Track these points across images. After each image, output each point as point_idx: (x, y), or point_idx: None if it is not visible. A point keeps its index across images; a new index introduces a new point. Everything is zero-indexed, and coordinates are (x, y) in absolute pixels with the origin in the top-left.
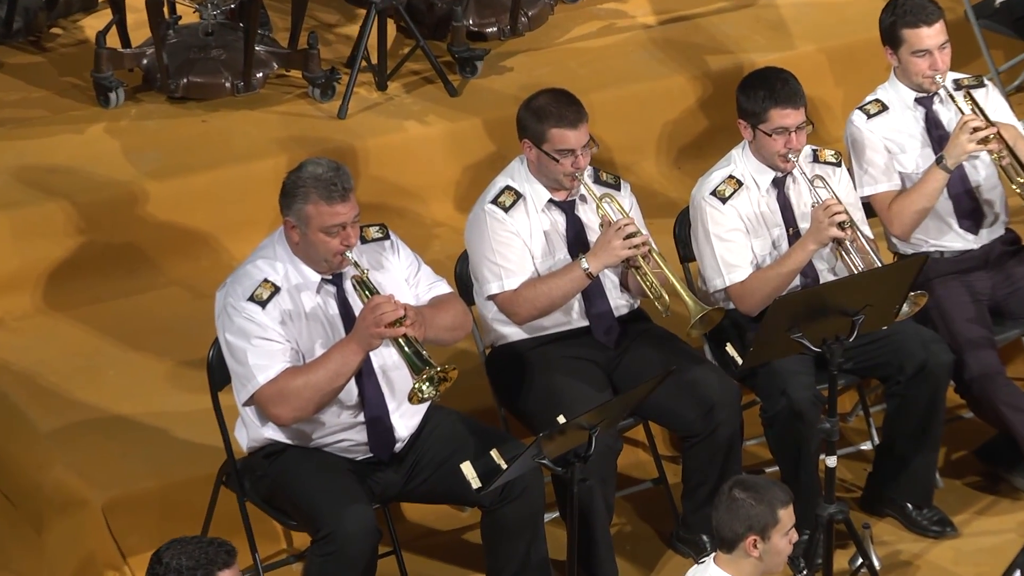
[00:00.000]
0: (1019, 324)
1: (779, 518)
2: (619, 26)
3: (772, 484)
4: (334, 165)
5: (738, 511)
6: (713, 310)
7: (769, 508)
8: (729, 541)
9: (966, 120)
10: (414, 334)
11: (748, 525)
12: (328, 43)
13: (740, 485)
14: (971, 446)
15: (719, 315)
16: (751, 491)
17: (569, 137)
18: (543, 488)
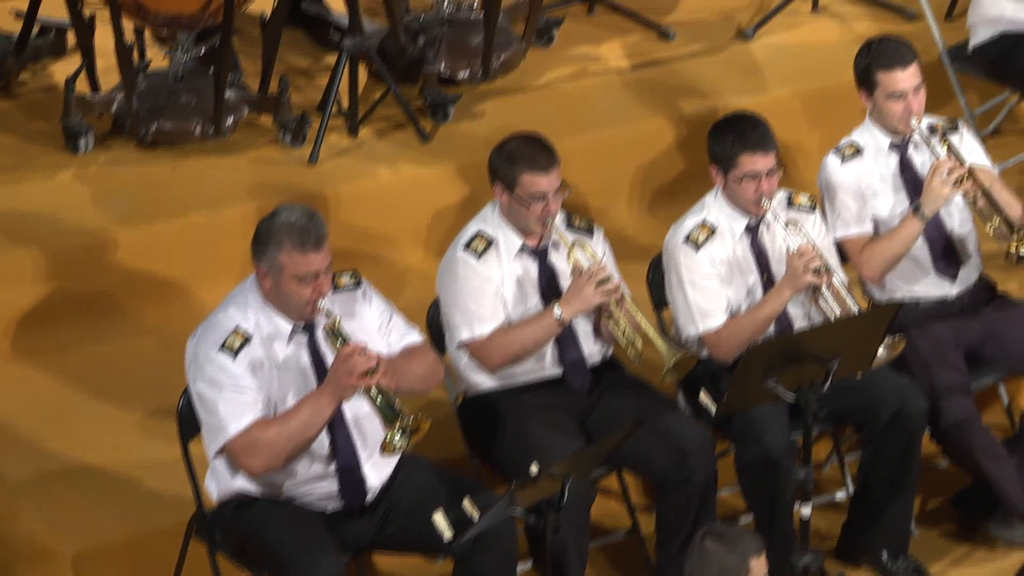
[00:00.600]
0: (995, 371)
1: (750, 568)
2: (592, 70)
3: (743, 534)
4: (308, 213)
5: (709, 561)
6: (686, 355)
7: (741, 558)
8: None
9: (938, 164)
10: (386, 384)
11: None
12: (299, 88)
13: (711, 535)
14: (947, 494)
15: (692, 361)
16: (722, 541)
17: (541, 182)
18: (516, 538)
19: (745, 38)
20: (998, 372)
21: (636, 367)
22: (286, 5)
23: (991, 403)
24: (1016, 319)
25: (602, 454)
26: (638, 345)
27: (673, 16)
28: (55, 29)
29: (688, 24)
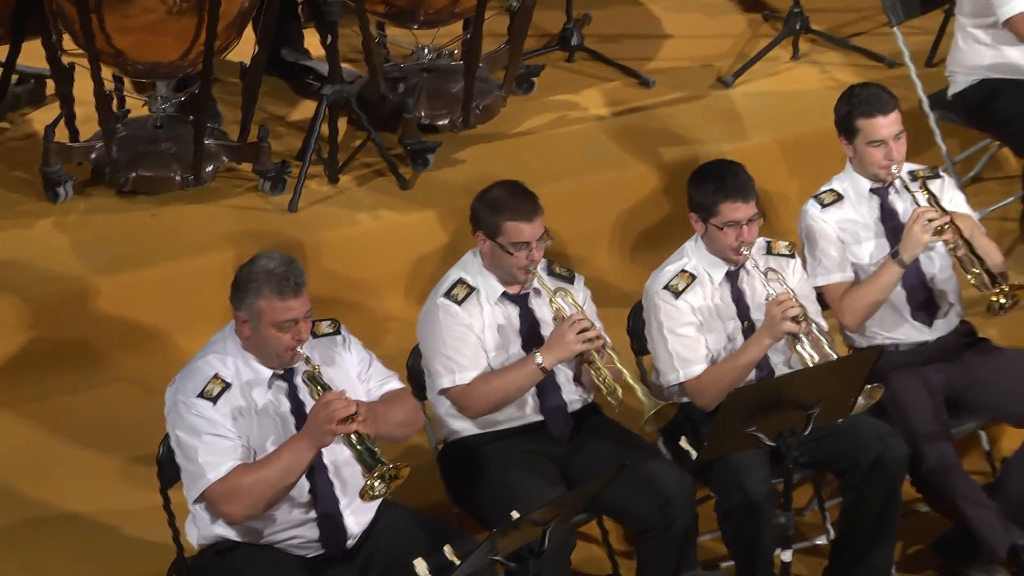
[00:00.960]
0: (976, 417)
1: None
2: (572, 117)
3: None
4: (287, 259)
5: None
6: (667, 405)
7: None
8: None
9: (920, 212)
10: (366, 431)
11: None
12: (279, 136)
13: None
14: (928, 540)
15: (673, 410)
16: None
17: (524, 230)
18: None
19: (725, 85)
20: (979, 418)
21: (617, 413)
22: (266, 53)
23: (972, 448)
24: (996, 365)
25: (583, 500)
26: (619, 393)
27: (653, 64)
28: (34, 77)
29: (668, 72)
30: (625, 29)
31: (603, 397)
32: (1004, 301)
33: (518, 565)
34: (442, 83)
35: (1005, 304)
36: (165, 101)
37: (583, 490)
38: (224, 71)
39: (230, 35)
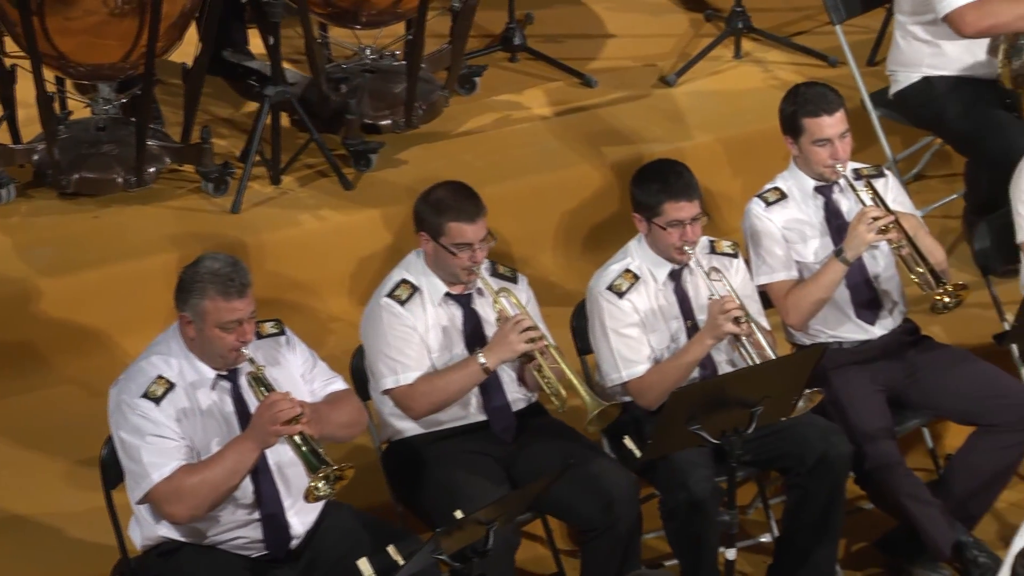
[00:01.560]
0: (919, 414)
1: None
2: (515, 117)
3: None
4: (231, 260)
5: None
6: (610, 406)
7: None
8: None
9: (865, 211)
10: (310, 432)
11: None
12: (221, 137)
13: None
14: (872, 537)
15: (616, 410)
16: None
17: (467, 231)
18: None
19: (668, 85)
20: (922, 415)
21: (561, 412)
22: (208, 54)
23: (915, 446)
24: (940, 363)
25: (527, 500)
26: (562, 394)
27: (596, 63)
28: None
29: (611, 71)
30: (568, 29)
31: (547, 396)
32: (948, 301)
33: (462, 565)
34: (385, 84)
35: (949, 304)
36: (107, 103)
37: (527, 489)
38: (166, 72)
39: (172, 36)
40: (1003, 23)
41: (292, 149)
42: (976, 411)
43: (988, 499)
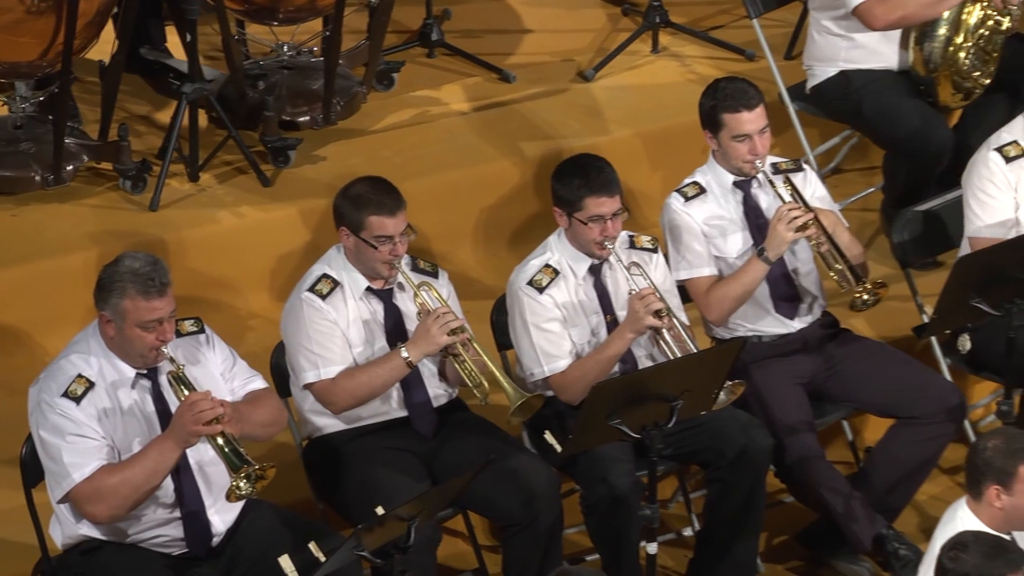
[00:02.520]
0: (839, 407)
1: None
2: (433, 113)
3: (593, 573)
4: (151, 259)
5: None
6: (533, 397)
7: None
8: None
9: (784, 210)
10: (231, 431)
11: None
12: (139, 135)
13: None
14: (792, 530)
15: (539, 401)
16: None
17: (387, 225)
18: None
19: (586, 80)
20: (842, 408)
21: (482, 408)
22: (125, 51)
23: (835, 439)
24: (859, 355)
25: (448, 495)
26: (485, 386)
27: (514, 59)
28: None
29: (529, 66)
30: (485, 24)
31: (468, 391)
32: (867, 298)
33: (384, 561)
34: (302, 80)
35: (868, 301)
36: (24, 101)
37: (448, 485)
38: (83, 70)
39: (89, 34)
40: (911, 14)
41: (210, 146)
42: (896, 404)
43: (908, 492)
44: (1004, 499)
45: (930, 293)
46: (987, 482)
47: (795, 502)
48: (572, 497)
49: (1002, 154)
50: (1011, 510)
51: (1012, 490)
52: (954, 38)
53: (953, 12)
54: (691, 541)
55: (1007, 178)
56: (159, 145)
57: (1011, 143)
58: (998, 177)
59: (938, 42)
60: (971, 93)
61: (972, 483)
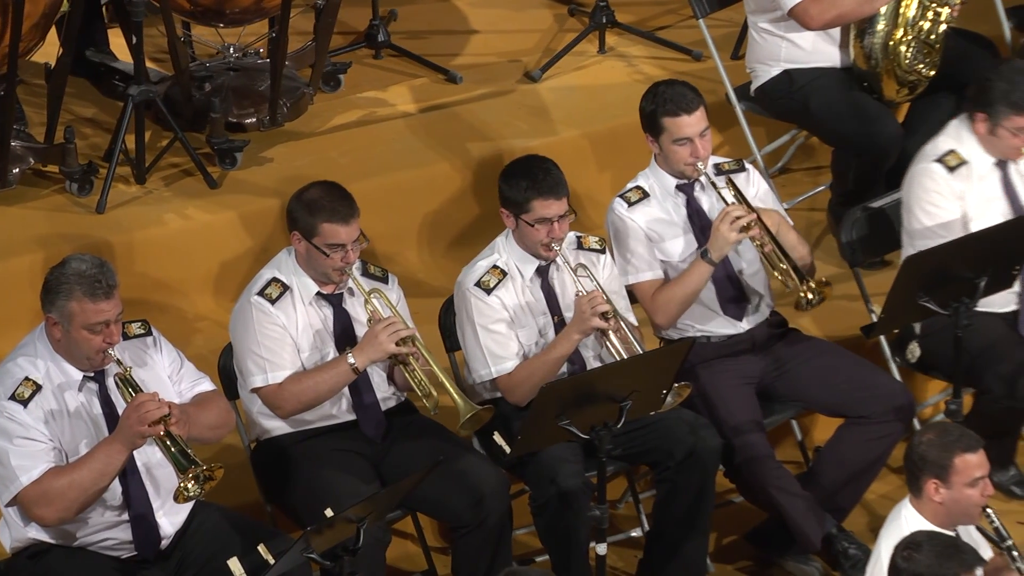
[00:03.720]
0: (788, 407)
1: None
2: (379, 114)
3: (542, 574)
4: (98, 262)
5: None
6: (483, 410)
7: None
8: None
9: (727, 211)
10: (178, 432)
11: None
12: (85, 137)
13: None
14: (742, 530)
15: (488, 414)
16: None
17: (341, 232)
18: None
19: (533, 80)
20: (791, 408)
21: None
22: (70, 54)
23: (785, 438)
24: (807, 355)
25: (397, 497)
26: (434, 396)
27: (460, 59)
28: None
29: (475, 67)
30: (431, 25)
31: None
32: (811, 298)
33: (333, 563)
34: (249, 82)
35: (812, 301)
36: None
37: (397, 487)
38: (29, 73)
39: (34, 37)
40: (847, 12)
41: (157, 148)
42: (844, 403)
43: (857, 491)
44: (943, 492)
45: (878, 292)
46: (925, 477)
47: (744, 502)
48: (521, 498)
49: (944, 164)
50: (951, 504)
51: (949, 483)
52: (894, 32)
53: (891, 6)
54: (641, 541)
55: (952, 188)
56: (105, 147)
57: (950, 152)
58: (943, 188)
59: (878, 37)
60: (916, 87)
61: (911, 479)
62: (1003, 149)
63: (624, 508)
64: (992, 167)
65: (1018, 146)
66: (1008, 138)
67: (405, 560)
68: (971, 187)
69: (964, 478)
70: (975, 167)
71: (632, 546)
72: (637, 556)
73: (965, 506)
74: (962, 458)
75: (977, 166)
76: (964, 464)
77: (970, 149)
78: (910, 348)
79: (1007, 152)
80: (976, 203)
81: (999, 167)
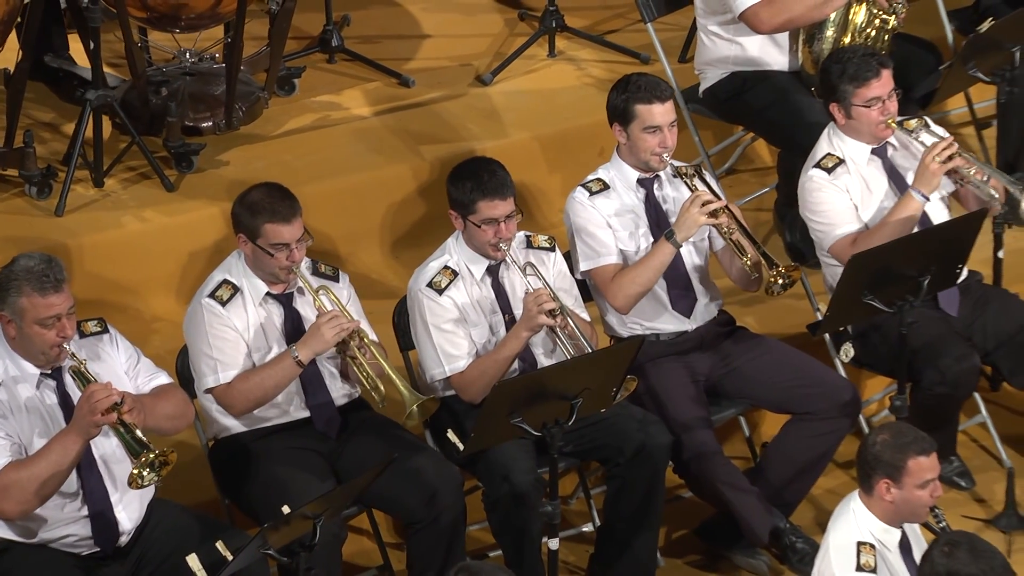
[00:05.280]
0: (735, 403)
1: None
2: (333, 118)
3: (495, 569)
4: (46, 258)
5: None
6: (428, 400)
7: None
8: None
9: (697, 195)
10: (132, 420)
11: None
12: (44, 141)
13: (464, 571)
14: (691, 525)
15: (434, 405)
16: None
17: (283, 232)
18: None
19: (484, 84)
20: (738, 404)
21: (384, 407)
22: (29, 59)
23: (732, 435)
24: (754, 352)
25: (352, 494)
26: (381, 389)
27: (413, 63)
28: None
29: (427, 71)
30: (384, 30)
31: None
32: (782, 282)
33: (290, 559)
34: (204, 86)
35: (783, 284)
36: None
37: (352, 484)
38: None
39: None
40: (797, 16)
41: (114, 152)
42: (790, 400)
43: (804, 486)
44: (894, 492)
45: (823, 291)
46: (877, 476)
47: (694, 497)
48: (475, 494)
49: (821, 168)
50: (900, 503)
51: (901, 483)
52: (842, 38)
53: (840, 13)
54: (592, 536)
55: (835, 185)
56: (64, 151)
57: (825, 156)
58: (827, 187)
59: (827, 43)
60: None
61: (863, 477)
62: (870, 129)
63: (576, 504)
64: (870, 156)
65: (878, 119)
66: (865, 115)
67: (361, 556)
68: (853, 180)
69: (916, 480)
70: (854, 161)
71: (584, 541)
72: (588, 551)
73: (914, 506)
74: (915, 461)
75: (856, 159)
76: (917, 466)
77: (844, 146)
78: (844, 348)
79: (874, 130)
80: (861, 193)
81: (877, 154)
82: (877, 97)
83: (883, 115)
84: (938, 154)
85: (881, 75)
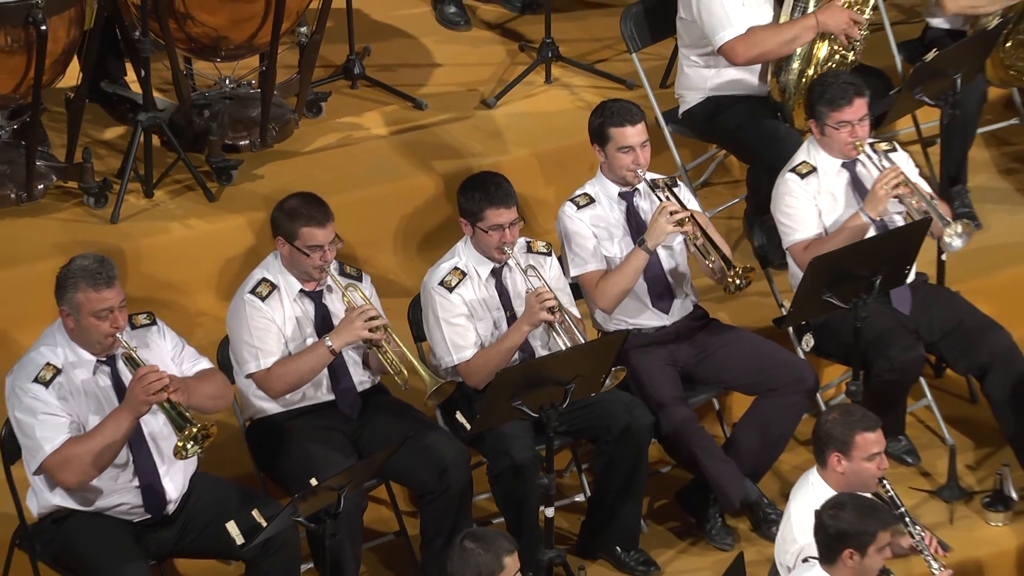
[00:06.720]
0: (709, 387)
1: (504, 565)
2: (356, 137)
3: (499, 535)
4: (99, 258)
5: (468, 560)
6: (447, 383)
7: (495, 556)
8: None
9: (664, 206)
10: (177, 399)
11: (477, 572)
12: (100, 157)
13: (470, 536)
14: (671, 495)
15: (451, 387)
16: (480, 541)
17: (318, 235)
18: (299, 543)
19: (488, 107)
20: (712, 389)
21: (400, 392)
22: (88, 85)
23: (706, 417)
24: (725, 341)
25: (372, 468)
26: (404, 374)
27: (425, 89)
28: None
29: (439, 95)
30: (400, 59)
31: (389, 378)
32: (739, 282)
33: (317, 525)
34: (242, 108)
35: (740, 284)
36: (0, 129)
37: (373, 459)
38: (51, 101)
39: (56, 70)
40: (769, 50)
41: (162, 166)
42: (758, 381)
43: (769, 458)
44: (844, 464)
45: (787, 289)
46: (829, 451)
47: (673, 470)
48: (480, 468)
49: (796, 173)
50: (851, 474)
51: (850, 456)
52: (806, 70)
53: (805, 48)
54: (583, 506)
55: (805, 191)
56: (118, 166)
57: (801, 163)
58: (798, 191)
59: (792, 74)
60: None
61: (818, 452)
62: (839, 147)
63: (569, 477)
64: (840, 169)
65: (847, 140)
66: (835, 135)
67: (379, 522)
68: (822, 188)
69: (863, 453)
70: (824, 171)
71: (576, 510)
72: (580, 518)
73: (864, 477)
74: (862, 436)
75: (827, 170)
76: (863, 441)
77: (819, 157)
78: (805, 339)
79: (843, 149)
80: (827, 201)
81: (846, 168)
82: (847, 121)
83: (851, 137)
84: (886, 182)
85: (854, 103)
